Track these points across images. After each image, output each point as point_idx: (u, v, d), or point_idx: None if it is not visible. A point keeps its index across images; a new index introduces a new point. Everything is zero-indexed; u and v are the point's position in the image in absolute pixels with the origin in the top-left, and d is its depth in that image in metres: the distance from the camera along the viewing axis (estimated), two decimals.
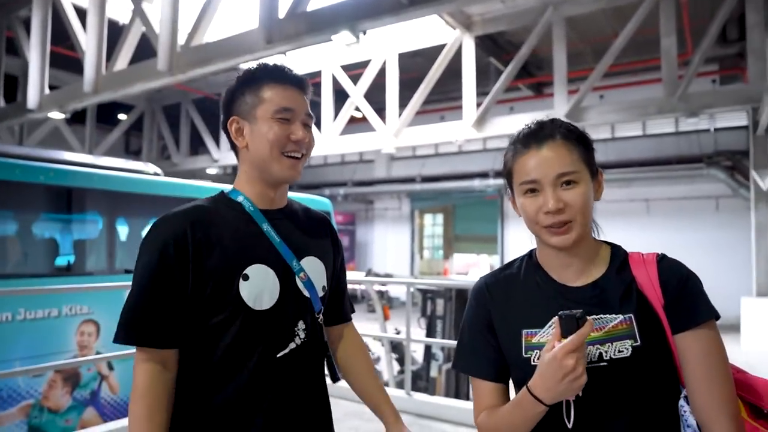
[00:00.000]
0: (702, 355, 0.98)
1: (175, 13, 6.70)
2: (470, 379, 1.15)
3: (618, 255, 1.09)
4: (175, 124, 14.75)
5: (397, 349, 6.76)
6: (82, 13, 7.93)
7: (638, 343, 0.99)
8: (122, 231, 5.53)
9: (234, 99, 1.30)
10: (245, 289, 1.20)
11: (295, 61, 10.36)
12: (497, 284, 1.16)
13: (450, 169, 15.63)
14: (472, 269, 15.85)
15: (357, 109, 10.42)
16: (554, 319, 0.97)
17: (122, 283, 3.82)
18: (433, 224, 18.77)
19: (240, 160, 1.32)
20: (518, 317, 1.09)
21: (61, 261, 5.05)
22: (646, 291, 1.02)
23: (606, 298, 1.03)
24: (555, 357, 0.91)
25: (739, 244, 12.00)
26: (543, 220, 1.03)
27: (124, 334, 1.16)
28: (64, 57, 10.50)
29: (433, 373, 6.25)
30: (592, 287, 1.05)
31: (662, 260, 1.05)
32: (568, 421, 0.97)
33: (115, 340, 1.17)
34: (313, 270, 1.32)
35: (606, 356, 0.99)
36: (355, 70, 10.45)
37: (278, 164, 1.26)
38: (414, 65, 11.29)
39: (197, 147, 15.37)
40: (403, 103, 9.69)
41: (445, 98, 14.22)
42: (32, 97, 8.68)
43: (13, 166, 4.53)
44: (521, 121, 1.12)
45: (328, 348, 1.40)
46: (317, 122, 10.50)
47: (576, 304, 1.01)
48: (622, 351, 0.99)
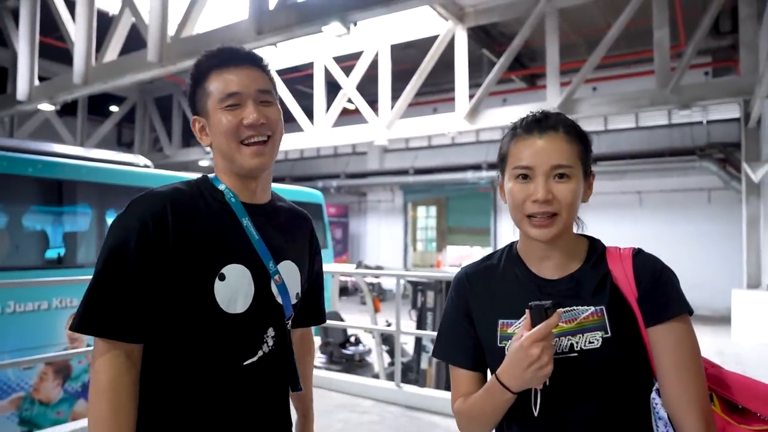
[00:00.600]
0: (674, 348, 0.98)
1: (165, 4, 6.65)
2: (449, 367, 1.16)
3: (596, 249, 1.10)
4: (167, 115, 14.68)
5: (387, 341, 6.79)
6: (71, 4, 7.86)
7: (609, 334, 1.00)
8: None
9: (192, 98, 1.22)
10: (220, 290, 1.10)
11: (286, 52, 10.32)
12: (477, 274, 1.17)
13: (443, 161, 15.63)
14: (465, 261, 15.89)
15: (349, 101, 10.40)
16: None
17: None
18: (426, 216, 18.79)
19: (214, 154, 1.25)
20: (496, 307, 1.10)
21: (51, 253, 5.02)
22: (621, 284, 1.03)
23: (580, 290, 1.04)
24: (521, 346, 0.94)
25: (731, 236, 12.07)
26: (529, 208, 1.03)
27: (84, 323, 1.02)
28: (54, 48, 10.41)
29: (424, 365, 6.28)
30: (569, 280, 1.06)
31: (638, 255, 1.06)
32: (535, 410, 0.99)
33: (72, 328, 1.04)
34: (289, 275, 1.23)
35: (576, 347, 1.00)
36: (347, 62, 10.41)
37: (239, 155, 1.16)
38: (406, 57, 11.26)
39: (189, 139, 15.30)
40: (396, 95, 9.68)
41: (438, 90, 14.21)
42: (21, 89, 8.62)
43: (1, 158, 4.50)
44: (514, 113, 1.11)
45: (293, 355, 1.28)
46: (309, 114, 10.56)
47: (551, 297, 1.02)
48: (593, 342, 1.00)
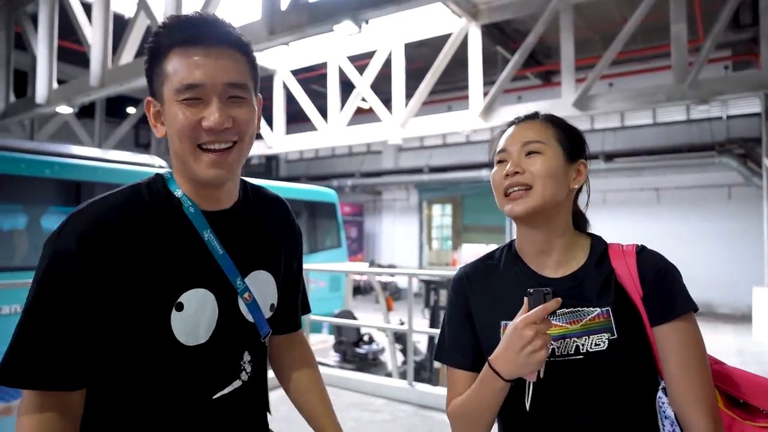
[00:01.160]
0: (680, 347, 0.97)
1: (178, 6, 6.71)
2: (446, 368, 1.14)
3: (598, 246, 1.09)
4: None
5: (400, 339, 6.78)
6: (88, 7, 7.97)
7: (615, 336, 0.98)
8: None
9: (149, 74, 0.99)
10: (177, 322, 0.93)
11: (300, 53, 10.36)
12: (477, 274, 1.15)
13: (458, 159, 15.56)
14: None
15: (363, 100, 10.40)
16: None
17: None
18: (442, 215, 18.73)
19: (170, 149, 1.00)
20: (497, 308, 1.08)
21: None
22: (625, 283, 1.01)
23: (584, 290, 1.03)
24: (515, 327, 0.93)
25: (752, 233, 11.85)
26: (502, 185, 1.04)
27: (7, 373, 0.85)
28: (72, 51, 10.56)
29: (437, 364, 6.26)
30: (571, 279, 1.05)
31: (641, 252, 1.05)
32: (527, 404, 0.96)
33: None
34: (261, 287, 1.06)
35: (582, 349, 0.99)
36: (361, 61, 10.42)
37: (194, 162, 0.94)
38: (420, 55, 11.23)
39: None
40: (410, 94, 9.65)
41: (452, 88, 14.15)
42: (41, 92, 8.75)
43: (19, 161, 4.58)
44: (529, 110, 1.14)
45: (266, 377, 1.13)
46: (323, 113, 10.59)
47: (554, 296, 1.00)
48: (599, 344, 0.98)
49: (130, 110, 15.02)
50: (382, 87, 10.74)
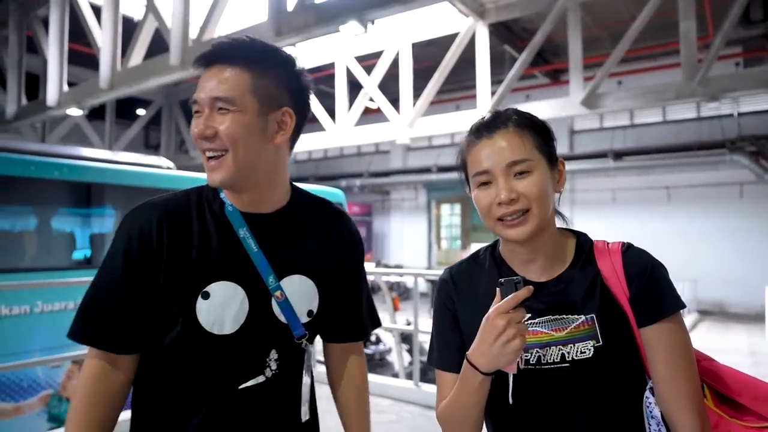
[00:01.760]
0: (667, 347, 0.96)
1: (186, 9, 6.76)
2: (436, 371, 1.13)
3: (583, 246, 1.06)
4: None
5: (407, 340, 6.78)
6: (97, 11, 8.04)
7: (600, 343, 0.97)
8: None
9: None
10: (203, 310, 1.02)
11: (308, 53, 10.38)
12: (462, 276, 1.13)
13: None
14: None
15: (371, 99, 10.40)
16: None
17: None
18: (451, 214, 18.70)
19: None
20: (482, 311, 1.06)
21: (78, 254, 5.15)
22: (611, 284, 1.00)
23: (569, 295, 1.01)
24: (488, 318, 0.91)
25: (765, 231, 11.74)
26: (496, 211, 0.99)
27: (71, 330, 1.05)
28: (82, 54, 10.67)
29: None
30: (556, 282, 1.03)
31: (627, 250, 1.02)
32: (510, 397, 0.95)
33: (67, 335, 1.06)
34: (298, 290, 1.10)
35: (568, 357, 0.98)
36: (368, 61, 10.43)
37: (205, 167, 1.06)
38: (428, 54, 11.23)
39: None
40: (418, 93, 9.65)
41: (459, 87, 14.13)
42: (51, 95, 8.85)
43: (29, 163, 4.64)
44: (538, 109, 1.08)
45: (301, 379, 1.15)
46: (331, 113, 10.61)
47: (539, 301, 1.00)
48: (584, 352, 0.97)
49: (140, 112, 15.14)
50: (389, 87, 10.74)
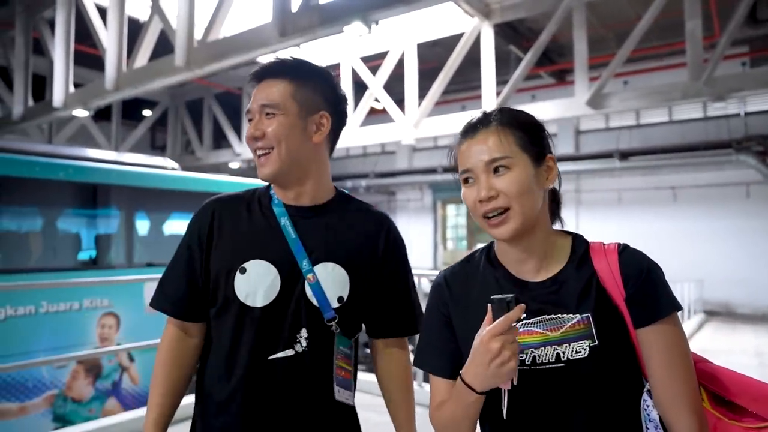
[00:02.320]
0: (664, 348, 0.95)
1: (191, 10, 6.77)
2: (429, 375, 1.13)
3: (579, 247, 1.06)
4: (198, 119, 14.95)
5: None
6: (103, 12, 8.07)
7: (596, 343, 0.96)
8: (141, 226, 5.65)
9: None
10: (240, 283, 1.19)
11: (314, 54, 10.39)
12: (456, 279, 1.13)
13: None
14: None
15: (376, 100, 10.40)
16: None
17: (141, 276, 3.89)
18: (457, 215, 18.68)
19: None
20: (476, 313, 1.04)
21: (84, 255, 5.18)
22: (607, 284, 0.99)
23: (564, 295, 1.01)
24: (481, 341, 0.90)
25: None
26: (479, 209, 1.01)
27: (152, 300, 1.30)
28: (88, 55, 10.72)
29: None
30: (551, 282, 1.02)
31: (624, 251, 1.02)
32: (504, 411, 0.94)
33: (149, 305, 1.32)
34: (331, 277, 1.22)
35: (563, 357, 0.97)
36: (373, 62, 10.43)
37: (256, 163, 1.26)
38: (433, 55, 11.22)
39: (220, 141, 15.55)
40: (423, 94, 9.64)
41: (465, 88, 14.11)
42: (58, 96, 8.89)
43: (35, 164, 4.66)
44: (543, 109, 1.09)
45: (333, 361, 1.25)
46: None
47: (534, 301, 1.00)
48: (580, 352, 0.97)
49: (146, 113, 15.18)
50: (395, 87, 10.74)
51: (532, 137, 1.03)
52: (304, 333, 1.20)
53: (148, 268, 5.14)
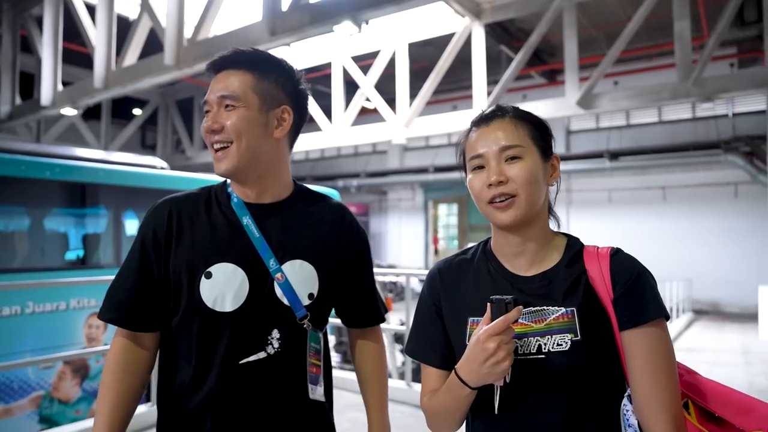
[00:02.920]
0: (647, 353, 0.95)
1: (181, 8, 6.73)
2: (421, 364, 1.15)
3: (573, 247, 1.07)
4: (189, 118, 14.88)
5: (400, 340, 6.77)
6: (92, 10, 8.01)
7: (578, 337, 0.97)
8: (130, 225, 5.61)
9: None
10: (206, 288, 1.13)
11: (305, 53, 10.37)
12: (450, 270, 1.15)
13: None
14: None
15: (368, 99, 10.39)
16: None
17: None
18: (448, 214, 18.71)
19: None
20: (466, 305, 1.08)
21: (71, 255, 5.13)
22: (596, 285, 1.00)
23: (552, 289, 1.02)
24: (478, 340, 0.93)
25: (759, 231, 11.78)
26: (486, 194, 1.03)
27: (100, 312, 1.21)
28: (77, 53, 10.63)
29: None
30: (541, 277, 1.04)
31: (616, 254, 1.03)
32: (495, 406, 0.97)
33: (97, 317, 1.23)
34: (299, 274, 1.19)
35: (544, 348, 0.98)
36: (365, 61, 10.42)
37: (213, 158, 1.19)
38: (425, 54, 11.24)
39: None
40: (414, 93, 9.64)
41: (456, 87, 14.14)
42: (46, 94, 8.81)
43: (21, 162, 4.61)
44: (534, 109, 1.12)
45: (306, 359, 1.23)
46: (327, 113, 10.60)
47: (523, 294, 1.01)
48: (561, 344, 0.97)
49: (136, 112, 15.09)
50: (386, 87, 10.74)
51: (542, 134, 1.08)
52: (276, 334, 1.17)
53: None
